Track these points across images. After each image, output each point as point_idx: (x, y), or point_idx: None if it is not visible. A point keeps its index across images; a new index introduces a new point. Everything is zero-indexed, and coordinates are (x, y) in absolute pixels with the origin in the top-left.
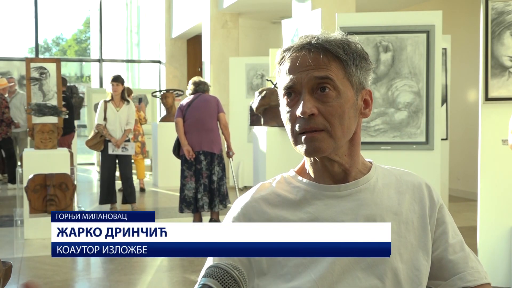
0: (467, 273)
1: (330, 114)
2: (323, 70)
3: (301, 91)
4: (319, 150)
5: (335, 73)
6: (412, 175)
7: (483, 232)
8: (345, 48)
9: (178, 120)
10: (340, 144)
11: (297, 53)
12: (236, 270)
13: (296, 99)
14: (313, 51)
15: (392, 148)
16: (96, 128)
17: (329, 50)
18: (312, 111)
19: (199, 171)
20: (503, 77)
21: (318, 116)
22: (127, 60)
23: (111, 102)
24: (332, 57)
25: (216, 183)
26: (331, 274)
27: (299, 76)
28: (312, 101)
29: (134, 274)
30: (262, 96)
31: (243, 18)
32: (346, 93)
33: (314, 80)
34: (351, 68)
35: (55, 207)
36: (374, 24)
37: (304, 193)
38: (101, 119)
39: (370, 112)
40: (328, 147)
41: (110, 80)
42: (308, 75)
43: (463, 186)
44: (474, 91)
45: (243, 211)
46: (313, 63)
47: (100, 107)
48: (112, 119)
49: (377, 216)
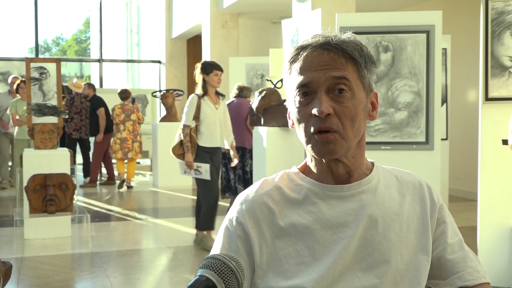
0: (466, 273)
1: (344, 115)
2: (341, 70)
3: (317, 90)
4: (333, 152)
5: (350, 74)
6: (412, 175)
7: (483, 232)
8: (359, 50)
9: None
10: (351, 146)
11: (314, 52)
12: (234, 261)
13: (311, 98)
14: (332, 51)
15: (392, 148)
16: (182, 131)
17: (346, 51)
18: (329, 110)
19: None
20: (503, 77)
21: (333, 116)
22: (127, 60)
23: (206, 97)
24: (349, 58)
25: (249, 173)
26: (332, 273)
27: (316, 75)
28: (328, 100)
29: (134, 274)
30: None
31: (243, 18)
32: (359, 95)
33: (331, 79)
34: (363, 70)
35: (55, 207)
36: (374, 24)
37: (307, 192)
38: (190, 120)
39: (376, 115)
40: (341, 149)
41: (209, 68)
42: (326, 74)
43: (463, 186)
44: (474, 91)
45: (247, 206)
46: (331, 62)
47: (191, 103)
48: (211, 121)
49: (379, 217)
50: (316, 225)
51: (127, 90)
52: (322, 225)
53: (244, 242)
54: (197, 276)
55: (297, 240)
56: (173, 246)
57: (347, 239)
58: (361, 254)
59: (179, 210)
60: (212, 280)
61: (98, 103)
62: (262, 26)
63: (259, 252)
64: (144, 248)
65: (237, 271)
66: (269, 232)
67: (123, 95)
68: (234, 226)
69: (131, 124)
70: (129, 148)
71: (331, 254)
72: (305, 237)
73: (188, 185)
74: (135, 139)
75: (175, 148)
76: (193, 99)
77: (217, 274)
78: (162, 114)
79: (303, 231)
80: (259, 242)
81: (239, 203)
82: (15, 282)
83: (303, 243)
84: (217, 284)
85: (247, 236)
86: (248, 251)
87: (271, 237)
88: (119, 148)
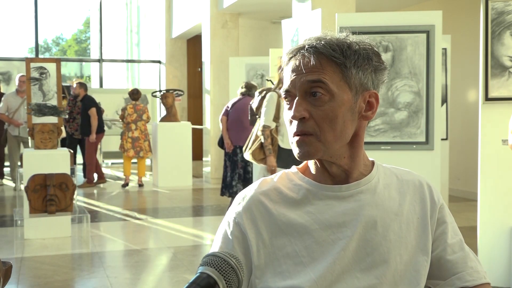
0: (466, 273)
1: (321, 118)
2: (315, 74)
3: (296, 95)
4: (307, 154)
5: (329, 76)
6: (413, 174)
7: (483, 232)
8: (343, 49)
9: (223, 118)
10: (333, 148)
11: (294, 57)
12: (233, 258)
13: (292, 102)
14: (307, 55)
15: (392, 148)
16: (263, 133)
17: (323, 53)
18: (303, 115)
19: (235, 162)
20: (503, 77)
21: (309, 119)
22: (127, 60)
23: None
24: (327, 60)
25: (250, 173)
26: (331, 274)
27: (293, 80)
28: (304, 104)
29: (134, 274)
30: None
31: (243, 18)
32: (341, 96)
33: (306, 84)
34: (350, 70)
35: (55, 207)
36: (374, 24)
37: (306, 192)
38: (270, 120)
39: (373, 115)
40: (317, 151)
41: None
42: (301, 79)
43: (463, 186)
44: (474, 91)
45: (244, 206)
46: (305, 67)
47: (271, 102)
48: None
49: (378, 217)
50: (315, 225)
51: (138, 90)
52: (321, 225)
53: (241, 243)
54: (198, 273)
55: (295, 240)
56: (173, 246)
57: (345, 239)
58: (360, 255)
59: (179, 210)
60: (213, 277)
61: (90, 103)
62: (262, 26)
63: (257, 252)
64: (144, 248)
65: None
66: (267, 232)
67: (135, 96)
68: (231, 226)
69: (143, 124)
70: (141, 147)
71: (330, 254)
72: (303, 237)
73: (188, 185)
74: (145, 138)
75: (255, 153)
76: (273, 97)
77: (217, 271)
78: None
79: (301, 231)
80: (256, 242)
81: (237, 203)
82: (15, 282)
83: (301, 243)
84: (218, 281)
85: (244, 236)
86: (245, 252)
87: (269, 237)
88: (130, 147)
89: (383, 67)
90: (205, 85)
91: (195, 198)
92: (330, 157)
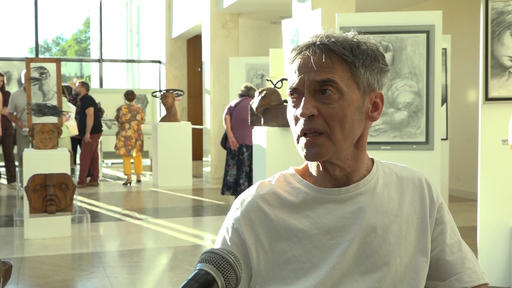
0: (465, 274)
1: (331, 116)
2: (326, 73)
3: (304, 92)
4: (318, 155)
5: (339, 75)
6: (412, 170)
7: (483, 232)
8: (353, 49)
9: (227, 117)
10: (341, 148)
11: (303, 53)
12: (232, 255)
13: (299, 100)
14: (318, 52)
15: (392, 148)
16: None
17: (334, 51)
18: (312, 112)
19: (241, 161)
20: (503, 77)
21: (318, 117)
22: (127, 60)
23: None
24: (337, 58)
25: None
26: (331, 279)
27: (302, 77)
28: (313, 102)
29: (134, 274)
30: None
31: (243, 18)
32: (350, 95)
33: (315, 82)
34: (358, 69)
35: (55, 207)
36: (374, 24)
37: (305, 196)
38: None
39: (379, 116)
40: (328, 152)
41: None
42: (311, 76)
43: (463, 186)
44: (474, 91)
45: (242, 212)
46: (315, 65)
47: None
48: None
49: (378, 219)
50: (314, 230)
51: (133, 91)
52: (320, 230)
53: (240, 249)
54: (196, 270)
55: (295, 245)
56: (173, 246)
57: (345, 243)
58: (360, 258)
59: (179, 210)
60: (212, 273)
61: (88, 102)
62: (262, 26)
63: (256, 258)
64: (144, 248)
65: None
66: (266, 238)
67: (129, 96)
68: (230, 232)
69: (136, 124)
70: (132, 145)
71: (330, 259)
72: (302, 242)
73: (188, 185)
74: (138, 138)
75: None
76: None
77: (216, 268)
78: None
79: (300, 236)
80: (255, 248)
81: (235, 209)
82: (15, 282)
83: (301, 249)
84: (216, 277)
85: (243, 242)
86: (244, 258)
87: (268, 242)
88: (122, 145)
89: (387, 69)
90: (205, 85)
91: (195, 198)
92: (337, 158)
